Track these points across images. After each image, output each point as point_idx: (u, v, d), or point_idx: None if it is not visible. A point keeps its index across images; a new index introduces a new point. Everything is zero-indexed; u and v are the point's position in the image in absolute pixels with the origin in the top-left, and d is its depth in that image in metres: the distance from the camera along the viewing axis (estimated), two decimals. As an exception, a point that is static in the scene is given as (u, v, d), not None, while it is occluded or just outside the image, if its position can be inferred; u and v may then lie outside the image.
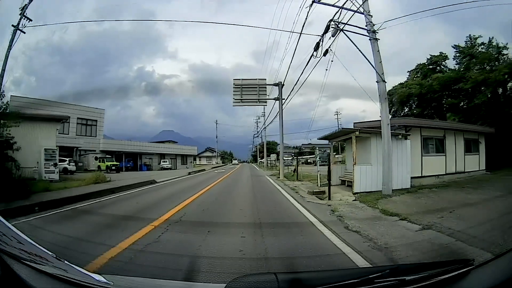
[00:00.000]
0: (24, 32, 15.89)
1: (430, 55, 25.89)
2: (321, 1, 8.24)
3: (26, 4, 16.57)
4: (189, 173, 21.33)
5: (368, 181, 8.12)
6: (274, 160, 37.84)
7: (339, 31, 7.93)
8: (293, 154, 37.33)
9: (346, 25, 8.02)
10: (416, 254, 3.15)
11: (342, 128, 9.52)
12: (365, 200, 6.70)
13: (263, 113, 38.60)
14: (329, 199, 7.17)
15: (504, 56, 20.58)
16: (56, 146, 15.22)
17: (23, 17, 16.20)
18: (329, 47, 8.39)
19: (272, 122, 27.12)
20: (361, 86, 8.52)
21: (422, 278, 1.12)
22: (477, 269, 1.15)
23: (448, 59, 24.67)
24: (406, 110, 26.50)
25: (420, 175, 10.20)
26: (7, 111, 11.58)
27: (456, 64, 22.66)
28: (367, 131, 8.67)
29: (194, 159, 50.90)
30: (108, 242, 3.41)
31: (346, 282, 1.09)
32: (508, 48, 20.53)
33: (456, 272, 1.12)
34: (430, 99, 23.74)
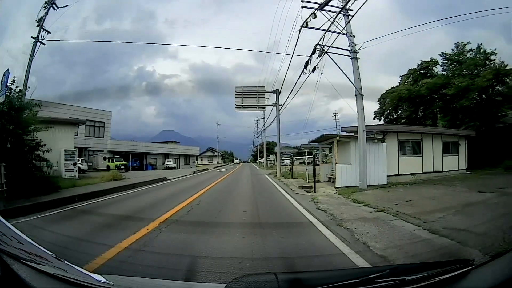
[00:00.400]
0: (44, 44, 17.44)
1: (421, 60, 27.23)
2: (308, 26, 9.78)
3: (42, 17, 18.07)
4: (194, 172, 22.97)
5: (348, 177, 9.71)
6: (273, 160, 39.33)
7: (323, 53, 9.49)
8: (291, 154, 38.94)
9: (330, 47, 9.55)
10: (359, 223, 4.67)
11: (325, 134, 11.14)
12: (342, 193, 8.27)
13: (262, 115, 40.26)
14: (314, 191, 8.77)
15: (491, 62, 21.74)
16: (75, 147, 16.80)
17: (42, 30, 17.72)
18: (317, 65, 9.97)
19: (273, 123, 28.63)
20: (343, 96, 10.03)
21: (422, 278, 1.13)
22: (477, 269, 1.15)
23: (438, 64, 26.01)
24: (399, 113, 27.94)
25: (397, 173, 11.74)
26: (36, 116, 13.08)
27: (442, 70, 24.13)
28: (346, 136, 10.29)
29: (196, 159, 52.54)
30: (152, 215, 5.00)
31: (346, 282, 1.11)
32: (496, 53, 21.78)
33: (456, 272, 1.13)
34: (420, 103, 25.04)
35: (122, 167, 26.34)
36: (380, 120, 29.70)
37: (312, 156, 15.72)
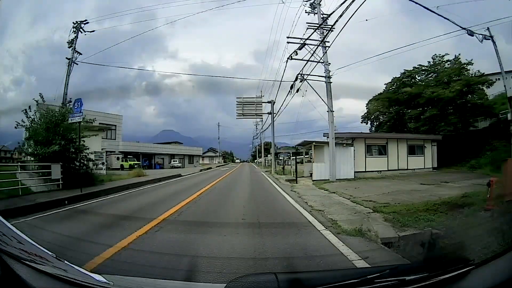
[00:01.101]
0: (77, 64, 20.53)
1: (404, 69, 30.21)
2: (293, 58, 13.05)
3: (73, 39, 21.08)
4: (201, 170, 26.26)
5: (322, 173, 13.00)
6: (271, 160, 42.66)
7: (303, 80, 12.77)
8: (288, 155, 42.41)
9: (309, 75, 12.83)
10: (312, 197, 7.88)
11: (304, 140, 14.53)
12: (315, 184, 11.55)
13: (261, 119, 43.58)
14: (296, 183, 12.05)
15: (467, 72, 24.42)
16: (102, 149, 19.92)
17: (74, 51, 20.77)
18: (299, 87, 13.28)
19: (271, 125, 31.77)
20: (318, 110, 13.32)
21: (422, 278, 1.15)
22: (477, 269, 1.16)
23: (421, 71, 28.88)
24: (385, 117, 31.06)
25: (365, 170, 14.98)
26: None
27: (418, 80, 27.12)
28: (321, 142, 13.60)
29: (199, 159, 55.79)
30: (190, 193, 8.28)
31: (346, 282, 1.13)
32: (472, 63, 24.46)
33: (456, 272, 1.15)
34: (400, 109, 28.01)
35: (136, 166, 29.45)
36: (366, 123, 33.01)
37: (307, 156, 18.99)
